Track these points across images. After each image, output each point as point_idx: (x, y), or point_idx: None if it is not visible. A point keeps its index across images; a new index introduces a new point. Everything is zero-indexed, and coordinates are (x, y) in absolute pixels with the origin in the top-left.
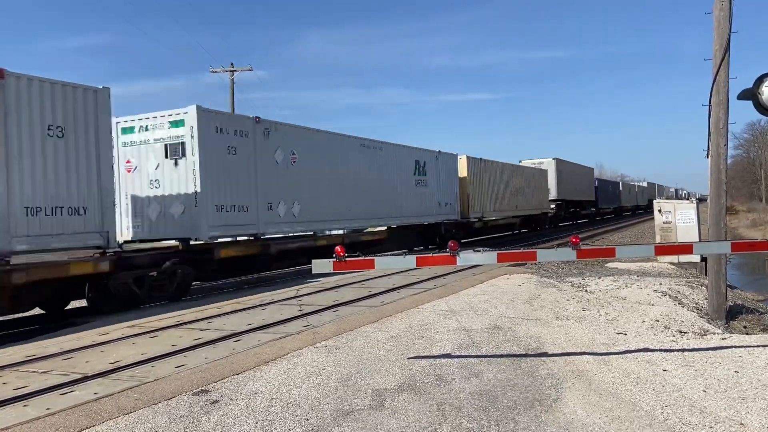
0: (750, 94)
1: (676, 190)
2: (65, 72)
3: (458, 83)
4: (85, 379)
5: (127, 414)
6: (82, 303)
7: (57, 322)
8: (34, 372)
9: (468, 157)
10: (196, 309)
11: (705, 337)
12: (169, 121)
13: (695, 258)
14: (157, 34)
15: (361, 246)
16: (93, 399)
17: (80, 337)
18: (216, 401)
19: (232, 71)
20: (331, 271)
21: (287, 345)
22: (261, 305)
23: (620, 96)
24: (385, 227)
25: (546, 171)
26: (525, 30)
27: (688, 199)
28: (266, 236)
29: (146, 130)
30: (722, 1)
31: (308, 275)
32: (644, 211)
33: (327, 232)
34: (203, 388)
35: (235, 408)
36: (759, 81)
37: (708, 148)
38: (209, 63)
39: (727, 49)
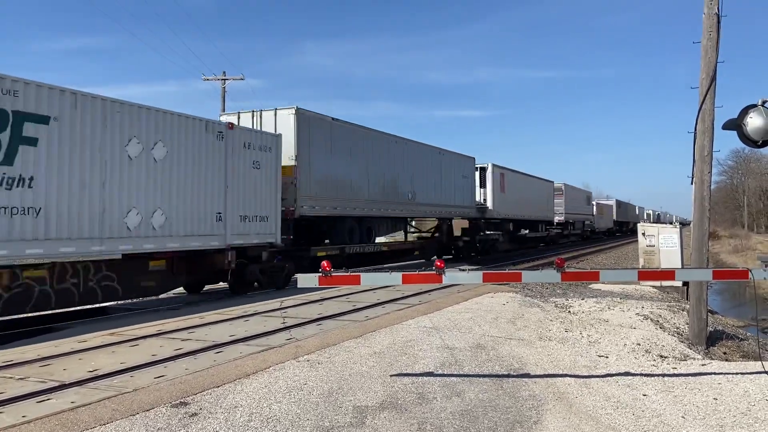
0: (734, 125)
1: (619, 201)
2: (57, 74)
3: (450, 99)
4: (63, 387)
5: (104, 425)
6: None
7: (35, 327)
8: (11, 378)
9: (596, 203)
10: (178, 318)
11: (685, 362)
12: None
13: (677, 282)
14: (151, 39)
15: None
16: (69, 408)
17: (59, 344)
18: (195, 414)
19: (224, 80)
20: (317, 286)
21: (269, 358)
22: (244, 316)
23: (609, 118)
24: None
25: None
26: (519, 50)
27: (655, 220)
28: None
29: None
30: (710, 31)
31: (293, 288)
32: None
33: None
34: (182, 400)
35: (214, 421)
36: (744, 112)
37: (692, 175)
38: (202, 70)
39: (713, 78)
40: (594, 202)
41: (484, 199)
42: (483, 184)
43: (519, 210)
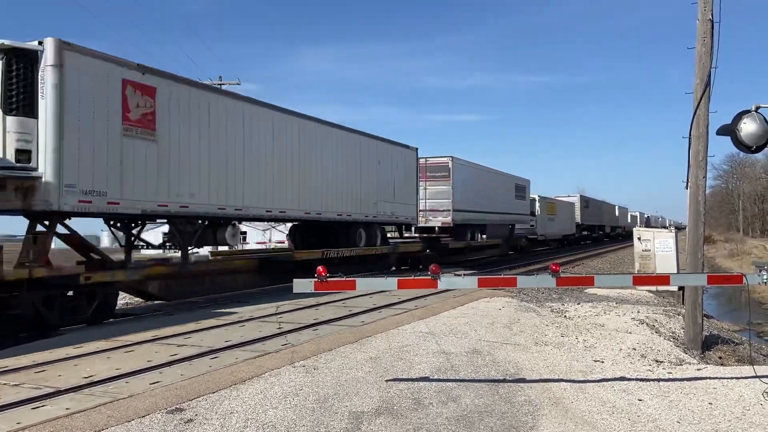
0: (728, 130)
1: (585, 198)
2: None
3: (445, 104)
4: (58, 393)
5: (99, 431)
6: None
7: (30, 333)
8: (5, 384)
9: (539, 197)
10: (174, 324)
11: (681, 367)
12: None
13: (673, 287)
14: (146, 43)
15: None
16: (65, 414)
17: (54, 350)
18: (190, 420)
19: (220, 84)
20: (312, 291)
21: (265, 363)
22: (240, 321)
23: (604, 122)
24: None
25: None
26: (513, 55)
27: (643, 224)
28: None
29: None
30: (704, 37)
31: (289, 292)
32: None
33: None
34: (178, 406)
35: (209, 428)
36: (737, 118)
37: (687, 180)
38: (197, 74)
39: (708, 83)
40: (535, 197)
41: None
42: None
43: (257, 197)
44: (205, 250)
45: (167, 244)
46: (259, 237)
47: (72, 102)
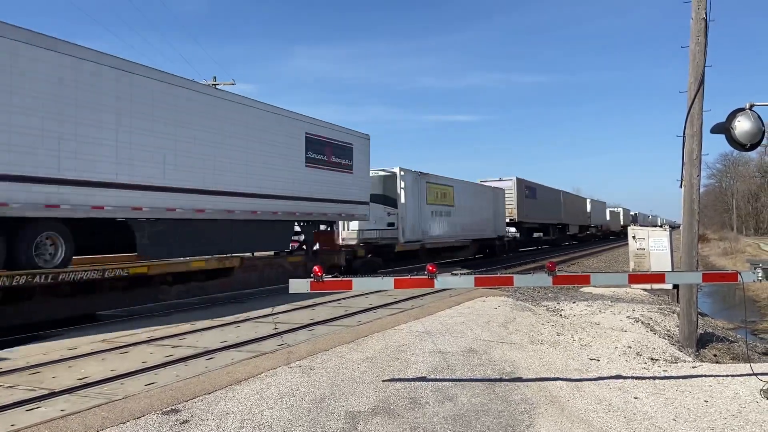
0: (723, 129)
1: (527, 183)
2: None
3: (442, 104)
4: (53, 394)
5: None
6: None
7: (26, 334)
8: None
9: (403, 171)
10: (169, 325)
11: (676, 364)
12: None
13: (668, 285)
14: (141, 44)
15: None
16: (59, 416)
17: (48, 351)
18: (186, 421)
19: (215, 85)
20: (308, 291)
21: (261, 364)
22: (236, 322)
23: (600, 123)
24: None
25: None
26: (510, 55)
27: (629, 222)
28: None
29: None
30: (698, 36)
31: (285, 293)
32: None
33: None
34: (173, 407)
35: (205, 428)
36: (732, 116)
37: (681, 178)
38: (192, 75)
39: (701, 82)
40: (395, 171)
41: None
42: None
43: None
44: None
45: None
46: None
47: None
